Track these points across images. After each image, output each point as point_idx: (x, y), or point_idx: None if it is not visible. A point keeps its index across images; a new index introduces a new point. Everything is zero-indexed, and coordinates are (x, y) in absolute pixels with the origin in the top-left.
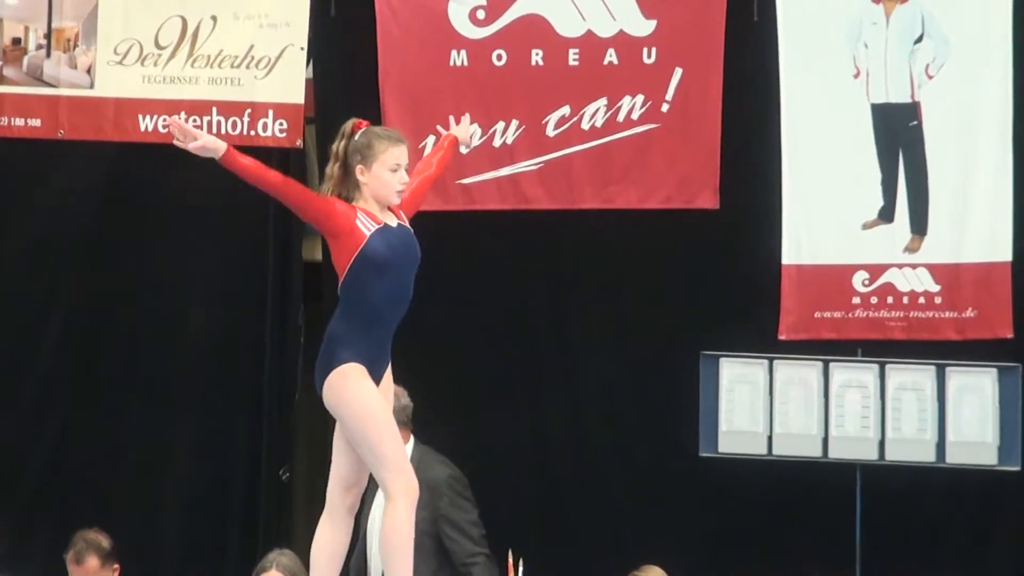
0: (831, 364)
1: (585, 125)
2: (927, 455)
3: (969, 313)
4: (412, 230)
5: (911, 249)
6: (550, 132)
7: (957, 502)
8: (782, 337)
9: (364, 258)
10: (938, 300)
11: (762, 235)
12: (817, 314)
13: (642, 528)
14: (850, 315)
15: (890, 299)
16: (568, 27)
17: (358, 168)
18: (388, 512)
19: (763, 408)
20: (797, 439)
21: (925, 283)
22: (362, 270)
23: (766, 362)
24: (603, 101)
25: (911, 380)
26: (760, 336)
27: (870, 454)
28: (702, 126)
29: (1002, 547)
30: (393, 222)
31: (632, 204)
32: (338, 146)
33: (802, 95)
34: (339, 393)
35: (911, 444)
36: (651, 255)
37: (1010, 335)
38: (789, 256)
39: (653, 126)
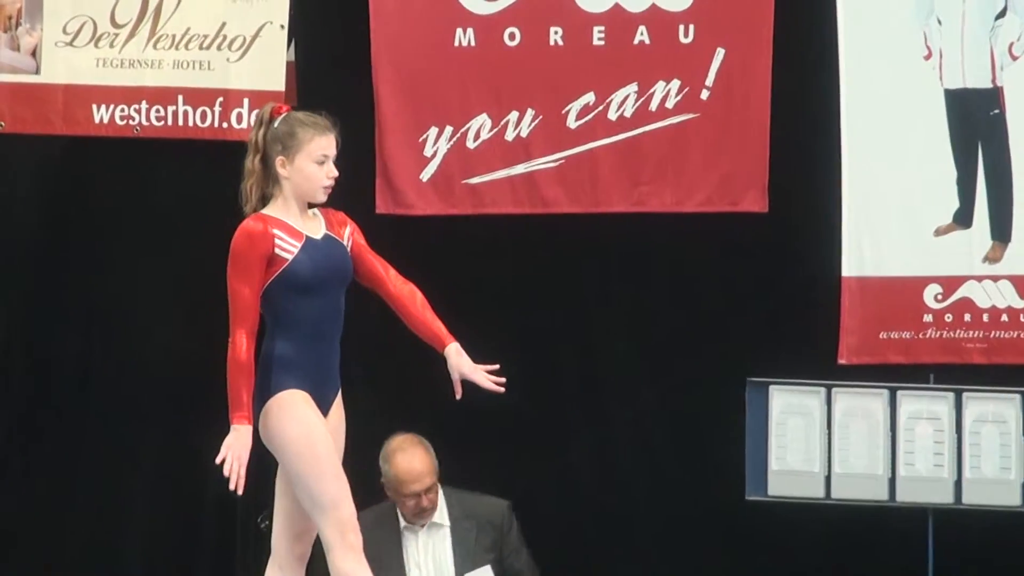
0: (899, 393)
1: (612, 115)
2: (1012, 498)
3: None
4: (342, 242)
5: (992, 259)
6: (571, 123)
7: None
8: (842, 361)
9: (282, 280)
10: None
11: (819, 243)
12: (883, 334)
13: None
14: (921, 335)
15: (967, 317)
16: (592, 1)
17: (279, 160)
18: (335, 570)
19: (820, 444)
20: (860, 480)
21: (1009, 298)
22: (282, 291)
23: (823, 390)
24: (633, 87)
25: (992, 411)
26: (817, 360)
27: (945, 497)
28: (748, 116)
29: None
30: (318, 232)
31: (667, 207)
32: (256, 135)
33: (864, 80)
34: (274, 423)
35: (992, 485)
36: (689, 267)
37: None
38: (850, 268)
39: (691, 116)
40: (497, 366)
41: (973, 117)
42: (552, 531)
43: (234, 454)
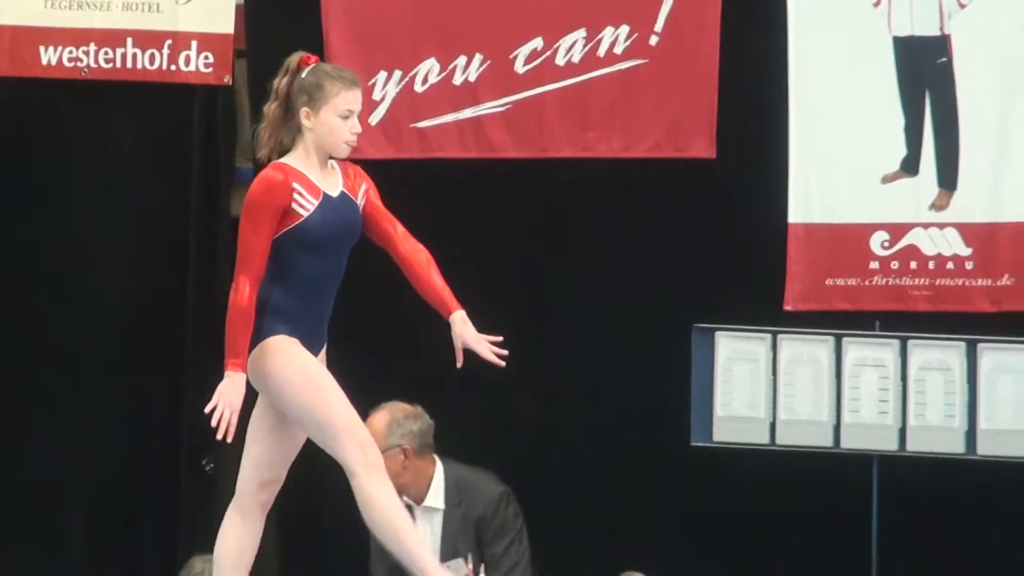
0: (845, 340)
1: (560, 60)
2: (955, 445)
3: (1005, 281)
4: (356, 200)
5: (938, 206)
6: (519, 68)
7: (989, 499)
8: (788, 308)
9: (293, 235)
10: (969, 265)
11: (766, 190)
12: (829, 281)
13: (625, 525)
14: (867, 282)
15: (914, 264)
16: None
17: (303, 112)
18: (360, 492)
19: (765, 391)
20: (804, 427)
21: (955, 246)
22: (291, 245)
23: (769, 337)
24: (581, 33)
25: (937, 358)
26: (763, 307)
27: (889, 444)
28: (697, 63)
29: None
30: (335, 190)
31: (614, 153)
32: (280, 83)
33: (813, 27)
34: (269, 365)
35: (936, 432)
36: (636, 213)
37: None
38: (797, 214)
39: (639, 62)
40: (500, 338)
41: (921, 65)
42: (496, 473)
43: (226, 401)
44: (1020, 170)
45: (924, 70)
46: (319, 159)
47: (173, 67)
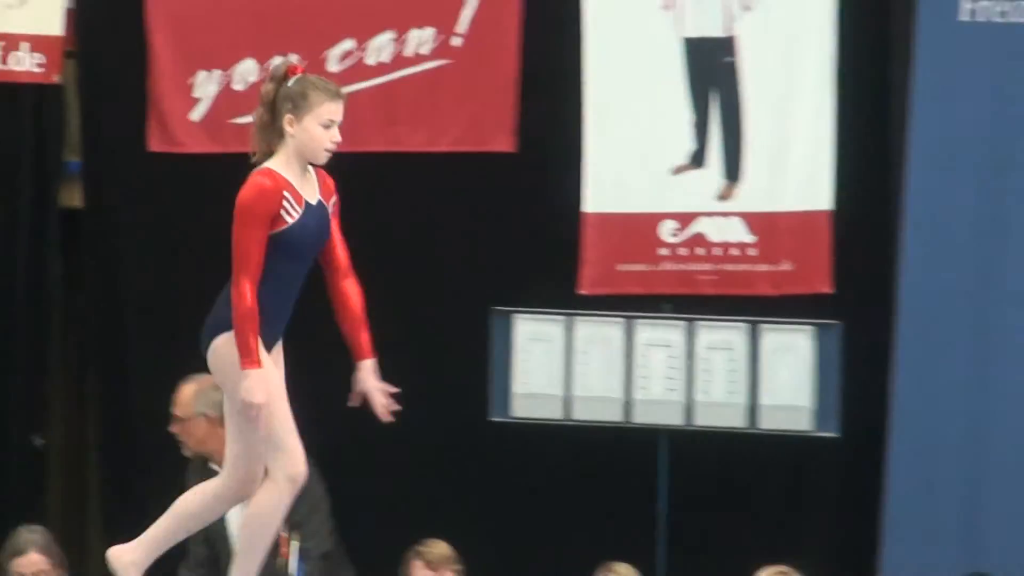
0: (635, 321)
1: (370, 60)
2: (738, 420)
3: (785, 266)
4: (328, 210)
5: (724, 196)
6: (332, 68)
7: (770, 470)
8: (582, 292)
9: (276, 240)
10: (752, 252)
11: (563, 181)
12: (620, 267)
13: (427, 498)
14: (657, 268)
15: (700, 251)
16: None
17: (287, 119)
18: (265, 488)
19: (561, 369)
20: (598, 403)
21: (739, 233)
22: (272, 249)
23: (564, 319)
24: (390, 34)
25: (722, 339)
26: (559, 291)
27: (676, 419)
28: (497, 62)
29: (816, 518)
30: (314, 197)
31: (420, 147)
32: (268, 90)
33: (606, 28)
34: (224, 362)
35: (721, 408)
36: (441, 202)
37: (829, 290)
38: (591, 204)
39: (444, 62)
40: (397, 390)
41: (708, 64)
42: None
43: (259, 400)
44: (799, 163)
45: (711, 69)
46: (299, 165)
47: (4, 67)
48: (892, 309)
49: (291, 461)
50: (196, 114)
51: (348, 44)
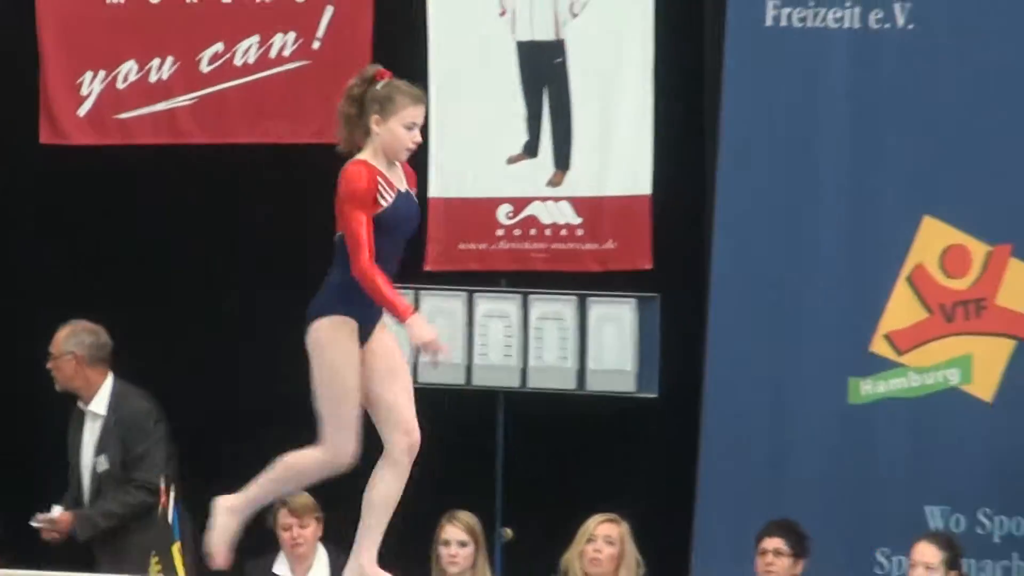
0: (475, 295)
1: (238, 61)
2: (568, 383)
3: (609, 245)
4: (414, 196)
5: (554, 183)
6: (204, 68)
7: (597, 428)
8: (428, 268)
9: (376, 224)
10: (580, 232)
11: (414, 168)
12: (462, 246)
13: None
14: (494, 247)
15: (533, 231)
16: None
17: (374, 118)
18: (386, 468)
19: (406, 338)
20: (441, 367)
21: (567, 216)
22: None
23: (412, 292)
24: (256, 38)
25: (553, 310)
26: (406, 267)
27: (513, 382)
28: (352, 63)
29: (639, 471)
30: (403, 186)
31: (284, 138)
32: (357, 90)
33: (449, 33)
34: (321, 344)
35: (552, 372)
36: (302, 192)
37: (649, 266)
38: (435, 190)
39: (304, 63)
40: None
41: (540, 64)
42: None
43: (429, 341)
44: (622, 153)
45: (542, 69)
46: (385, 160)
47: None
48: (706, 284)
49: (404, 434)
50: (83, 110)
51: (218, 47)
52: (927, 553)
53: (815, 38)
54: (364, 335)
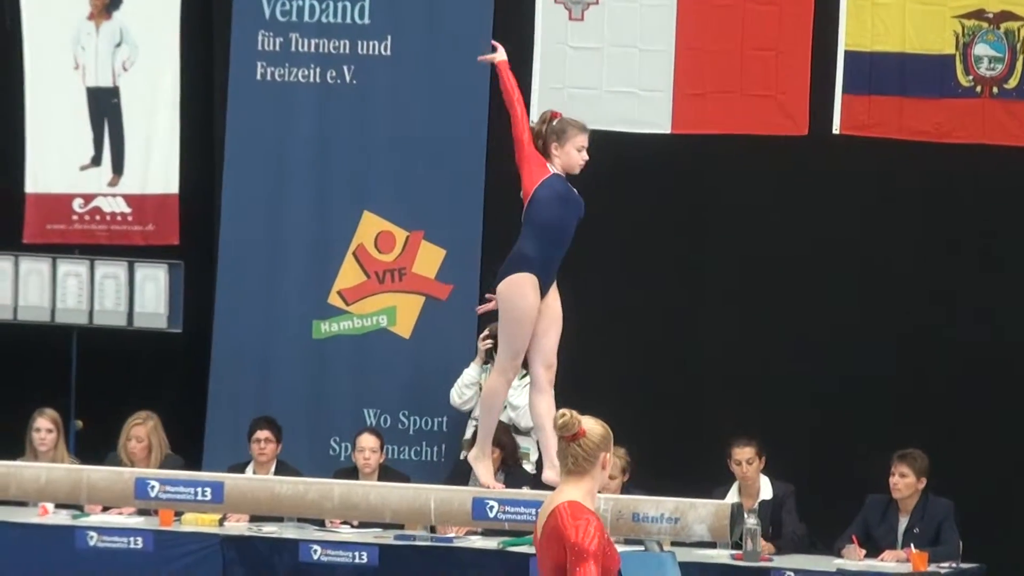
0: (58, 259)
1: None
2: (121, 321)
3: (150, 227)
4: (579, 197)
5: (112, 184)
6: None
7: (142, 354)
8: (25, 241)
9: (549, 186)
10: (130, 219)
11: (10, 170)
12: (49, 226)
13: None
14: (71, 227)
15: (98, 217)
16: None
17: (553, 144)
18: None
19: (11, 289)
20: (35, 309)
21: (121, 207)
22: (546, 196)
23: (13, 258)
24: None
25: (112, 271)
26: (10, 240)
27: (84, 320)
28: None
29: (171, 383)
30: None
31: None
32: (540, 127)
33: (41, 79)
34: (511, 294)
35: (111, 314)
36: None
37: (176, 242)
38: (30, 187)
39: None
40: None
41: (102, 103)
42: None
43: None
44: (157, 164)
45: (104, 106)
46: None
47: None
48: (215, 255)
49: (546, 368)
50: None
51: None
52: (369, 440)
53: (290, 88)
54: (543, 290)
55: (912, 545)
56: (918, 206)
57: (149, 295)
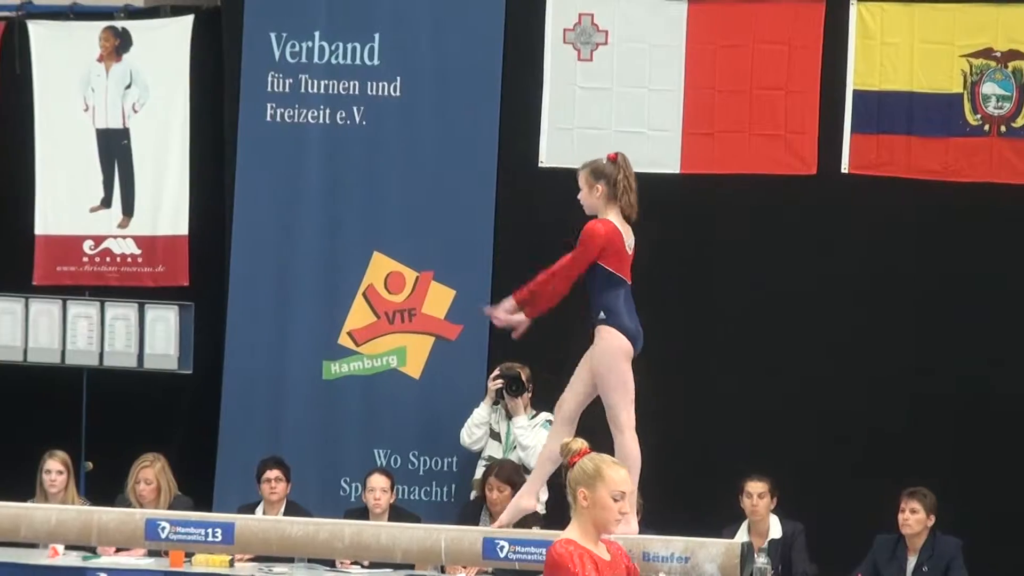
0: (68, 301)
1: None
2: (131, 363)
3: (160, 269)
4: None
5: (122, 226)
6: None
7: (152, 394)
8: (35, 283)
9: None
10: (140, 260)
11: (20, 212)
12: (59, 268)
13: None
14: (81, 269)
15: (108, 259)
16: None
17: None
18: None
19: (22, 330)
20: (45, 351)
21: (131, 248)
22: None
23: (23, 300)
24: None
25: (122, 313)
26: (19, 282)
27: (94, 362)
28: None
29: (179, 422)
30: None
31: None
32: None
33: (50, 121)
34: (608, 354)
35: (122, 355)
36: None
37: (187, 284)
38: (40, 228)
39: None
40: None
41: (112, 145)
42: None
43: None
44: (169, 207)
45: (114, 148)
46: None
47: None
48: (225, 296)
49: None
50: None
51: None
52: (379, 480)
53: (300, 129)
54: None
55: None
56: (926, 244)
57: (159, 336)
